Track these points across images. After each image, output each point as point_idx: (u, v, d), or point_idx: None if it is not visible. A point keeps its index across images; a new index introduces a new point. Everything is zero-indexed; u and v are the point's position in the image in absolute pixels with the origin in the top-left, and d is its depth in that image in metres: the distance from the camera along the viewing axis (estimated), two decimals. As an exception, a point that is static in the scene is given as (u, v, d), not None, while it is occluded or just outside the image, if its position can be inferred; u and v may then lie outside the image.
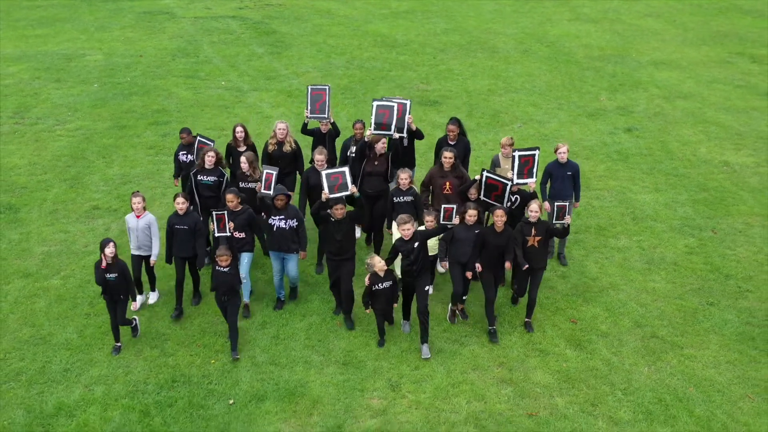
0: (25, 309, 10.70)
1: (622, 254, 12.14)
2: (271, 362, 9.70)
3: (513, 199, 10.65)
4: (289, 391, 9.19)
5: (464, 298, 10.48)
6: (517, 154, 10.51)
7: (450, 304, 10.47)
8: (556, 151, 11.45)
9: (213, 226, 10.18)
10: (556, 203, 10.17)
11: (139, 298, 10.66)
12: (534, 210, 9.95)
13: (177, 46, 23.07)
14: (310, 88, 11.91)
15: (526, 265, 9.93)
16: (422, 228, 10.10)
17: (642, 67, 21.62)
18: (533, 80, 20.37)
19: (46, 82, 19.90)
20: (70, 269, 11.61)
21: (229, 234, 10.14)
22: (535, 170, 10.56)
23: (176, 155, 12.25)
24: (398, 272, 10.13)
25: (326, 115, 11.82)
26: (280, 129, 11.72)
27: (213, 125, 16.97)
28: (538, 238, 9.96)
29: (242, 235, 10.29)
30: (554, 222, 10.07)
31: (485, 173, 10.52)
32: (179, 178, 12.28)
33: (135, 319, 10.09)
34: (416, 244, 9.65)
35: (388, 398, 9.13)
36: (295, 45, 23.32)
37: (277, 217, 10.25)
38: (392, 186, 11.34)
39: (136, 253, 10.45)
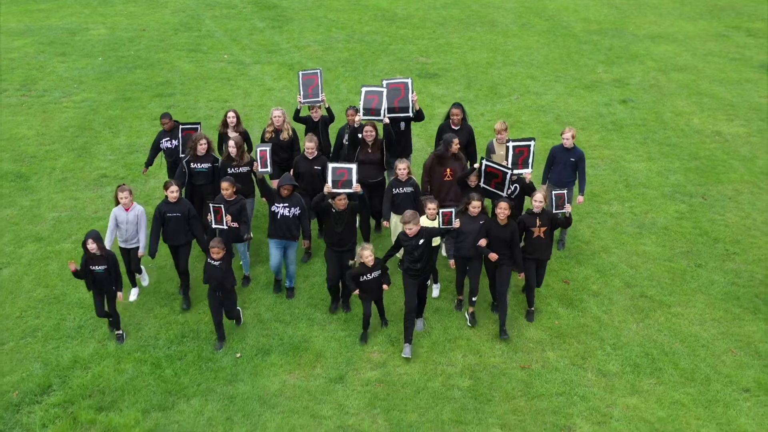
0: (39, 271, 11.13)
1: (615, 219, 12.55)
2: (275, 319, 10.15)
3: (512, 188, 10.48)
4: (294, 345, 9.65)
5: (474, 299, 10.07)
6: (511, 144, 10.37)
7: (456, 295, 10.36)
8: (561, 135, 11.23)
9: (210, 217, 9.89)
10: (554, 192, 9.88)
11: (134, 290, 10.59)
12: (538, 200, 9.77)
13: (179, 20, 23.31)
14: (301, 73, 11.73)
15: (522, 273, 9.92)
16: (427, 225, 9.68)
17: (639, 40, 21.88)
18: (531, 53, 20.65)
19: (51, 55, 20.18)
20: (80, 234, 11.98)
21: (226, 227, 9.84)
22: (530, 161, 10.36)
23: (157, 142, 11.91)
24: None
25: (320, 98, 11.61)
26: (276, 116, 11.52)
27: (216, 97, 17.32)
28: (543, 229, 9.79)
29: (236, 224, 9.99)
30: (554, 211, 9.88)
31: (485, 162, 10.35)
32: (149, 167, 12.05)
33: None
34: (421, 242, 9.31)
35: (387, 352, 9.58)
36: (296, 19, 23.56)
37: (281, 205, 10.09)
38: (391, 176, 11.13)
39: (124, 246, 10.25)
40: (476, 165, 10.49)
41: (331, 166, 10.05)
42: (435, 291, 10.68)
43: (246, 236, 10.27)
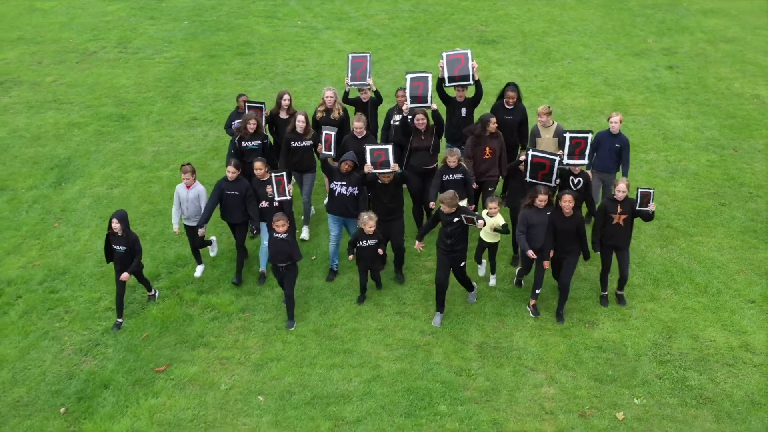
0: (143, 191, 13.03)
1: (650, 165, 13.84)
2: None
3: (576, 182, 10.50)
4: (359, 253, 11.29)
5: (537, 292, 10.20)
6: (568, 135, 10.41)
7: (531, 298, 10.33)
8: (608, 120, 11.35)
9: (272, 188, 10.14)
10: (640, 190, 9.84)
11: (199, 267, 10.96)
12: (622, 190, 9.81)
13: (257, -10, 25.15)
14: (350, 56, 11.77)
15: (590, 257, 10.08)
16: (489, 222, 10.11)
17: (691, 14, 22.83)
18: (586, 24, 21.84)
19: (141, 19, 22.25)
20: (177, 164, 13.87)
21: (289, 197, 10.12)
22: (587, 153, 10.42)
23: (228, 122, 12.12)
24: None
25: (366, 81, 11.65)
26: (328, 96, 11.69)
27: (292, 57, 19.08)
28: (623, 216, 9.88)
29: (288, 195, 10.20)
30: (638, 209, 9.89)
31: (531, 152, 10.38)
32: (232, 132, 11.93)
33: (155, 292, 10.46)
34: (455, 219, 9.56)
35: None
36: (364, -10, 25.14)
37: (339, 183, 10.37)
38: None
39: (187, 223, 10.67)
40: (522, 157, 10.60)
41: (368, 148, 10.27)
42: (492, 280, 10.87)
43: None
